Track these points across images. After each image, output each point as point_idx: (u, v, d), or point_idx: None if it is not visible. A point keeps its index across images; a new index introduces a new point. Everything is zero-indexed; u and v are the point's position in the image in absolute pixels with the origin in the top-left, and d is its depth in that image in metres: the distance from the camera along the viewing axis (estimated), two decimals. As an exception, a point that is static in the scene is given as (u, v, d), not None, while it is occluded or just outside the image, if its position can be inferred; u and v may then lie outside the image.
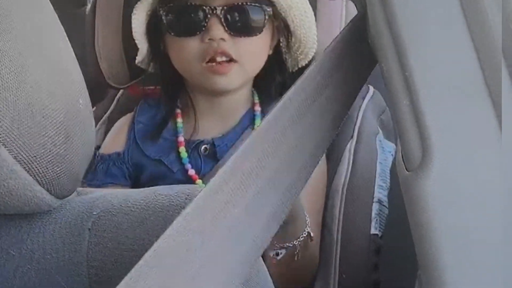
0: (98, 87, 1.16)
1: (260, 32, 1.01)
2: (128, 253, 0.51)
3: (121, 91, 1.25)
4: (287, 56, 1.09)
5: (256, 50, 1.03)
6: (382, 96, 1.16)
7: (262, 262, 0.55)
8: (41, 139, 0.44)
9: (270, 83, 1.09)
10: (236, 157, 0.46)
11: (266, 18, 1.01)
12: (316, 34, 1.07)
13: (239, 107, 1.09)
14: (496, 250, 0.44)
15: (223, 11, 0.97)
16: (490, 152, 0.45)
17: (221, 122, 1.09)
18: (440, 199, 0.45)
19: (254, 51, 1.03)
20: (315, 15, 1.09)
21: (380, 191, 1.06)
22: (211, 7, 0.97)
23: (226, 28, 0.98)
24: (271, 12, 1.02)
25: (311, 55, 1.09)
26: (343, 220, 1.02)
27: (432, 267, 0.45)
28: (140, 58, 1.09)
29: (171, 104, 1.10)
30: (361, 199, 1.05)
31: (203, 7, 0.97)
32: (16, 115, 0.42)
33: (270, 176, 0.47)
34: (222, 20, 0.97)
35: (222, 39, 0.98)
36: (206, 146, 1.06)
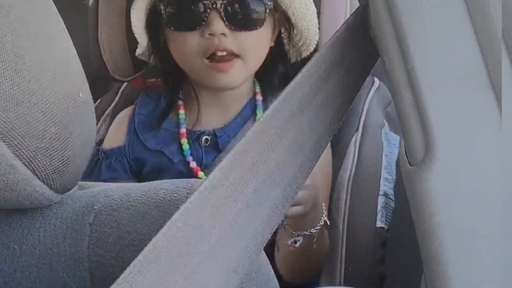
0: (102, 80, 1.16)
1: (261, 25, 1.00)
2: (129, 247, 0.51)
3: (125, 84, 1.25)
4: (289, 47, 1.08)
5: (257, 43, 1.02)
6: (388, 88, 1.15)
7: (265, 257, 0.54)
8: (40, 134, 0.44)
9: (272, 74, 1.08)
10: (236, 151, 0.46)
11: (267, 11, 1.00)
12: (317, 26, 1.06)
13: (241, 98, 1.09)
14: (499, 244, 0.44)
15: (223, 5, 0.96)
16: (493, 146, 0.45)
17: (222, 112, 1.08)
18: (443, 193, 0.45)
19: (256, 45, 1.02)
20: (319, 9, 1.08)
21: (386, 184, 1.06)
22: (211, 1, 0.96)
23: (227, 23, 0.97)
24: (271, 5, 1.00)
25: (313, 46, 1.08)
26: (348, 213, 1.03)
27: (435, 261, 0.45)
28: (140, 51, 1.09)
29: (173, 96, 1.09)
30: (366, 192, 1.05)
31: (203, 1, 0.96)
32: (14, 109, 0.42)
33: (270, 170, 0.47)
34: (223, 14, 0.96)
35: (223, 34, 0.97)
36: (208, 137, 1.06)
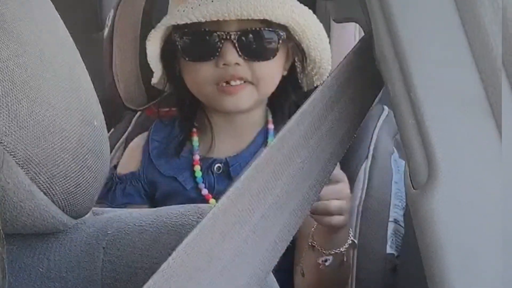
0: (116, 109, 1.17)
1: (274, 55, 1.02)
2: (142, 270, 0.51)
3: (138, 113, 1.27)
4: (302, 76, 1.10)
5: (271, 73, 1.04)
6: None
7: (273, 279, 0.55)
8: (57, 160, 0.45)
9: (284, 102, 1.09)
10: (245, 178, 0.47)
11: (280, 42, 1.02)
12: (330, 55, 1.07)
13: (253, 126, 1.10)
14: (502, 266, 0.44)
15: (237, 36, 0.98)
16: (496, 170, 0.45)
17: (235, 140, 1.09)
18: (446, 215, 0.45)
19: (269, 74, 1.03)
20: (329, 35, 1.10)
21: (396, 210, 1.06)
22: (225, 32, 0.98)
23: (240, 53, 0.98)
24: (284, 36, 1.02)
25: (326, 75, 1.09)
26: (358, 240, 1.02)
27: (440, 284, 0.45)
28: (155, 80, 1.11)
29: (188, 124, 1.11)
30: (376, 219, 1.05)
31: (217, 33, 0.98)
32: (32, 138, 0.43)
33: (277, 197, 0.48)
34: (236, 45, 0.98)
35: (237, 63, 0.99)
36: (220, 165, 1.07)
